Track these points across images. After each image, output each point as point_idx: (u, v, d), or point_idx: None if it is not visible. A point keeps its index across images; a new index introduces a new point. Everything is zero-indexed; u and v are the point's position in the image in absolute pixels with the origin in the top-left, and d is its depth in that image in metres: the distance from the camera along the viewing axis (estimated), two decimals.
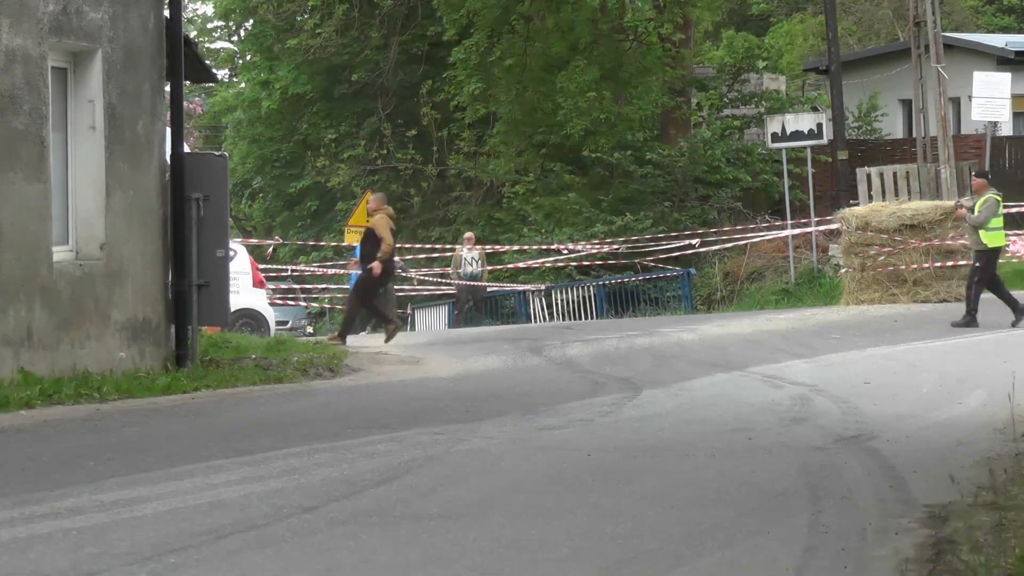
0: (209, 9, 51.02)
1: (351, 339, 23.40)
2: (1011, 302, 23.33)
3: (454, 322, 34.92)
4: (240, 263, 25.61)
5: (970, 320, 23.08)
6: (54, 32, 15.40)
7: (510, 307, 36.52)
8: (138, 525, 8.49)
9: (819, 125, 34.10)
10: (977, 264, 23.52)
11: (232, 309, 24.33)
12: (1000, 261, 30.79)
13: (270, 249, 40.20)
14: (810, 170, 34.05)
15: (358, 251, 29.99)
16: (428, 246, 37.34)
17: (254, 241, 39.33)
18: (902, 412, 13.42)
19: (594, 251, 35.49)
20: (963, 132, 38.76)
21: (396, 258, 25.15)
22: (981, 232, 23.36)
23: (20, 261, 14.91)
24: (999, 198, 23.66)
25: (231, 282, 24.36)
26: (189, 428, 13.13)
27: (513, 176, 39.11)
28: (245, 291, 25.44)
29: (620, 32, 39.59)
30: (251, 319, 25.37)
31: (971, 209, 23.65)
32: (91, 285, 15.84)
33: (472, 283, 33.94)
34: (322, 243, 40.15)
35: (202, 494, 9.46)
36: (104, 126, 16.08)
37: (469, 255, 34.14)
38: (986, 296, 23.26)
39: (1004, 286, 23.85)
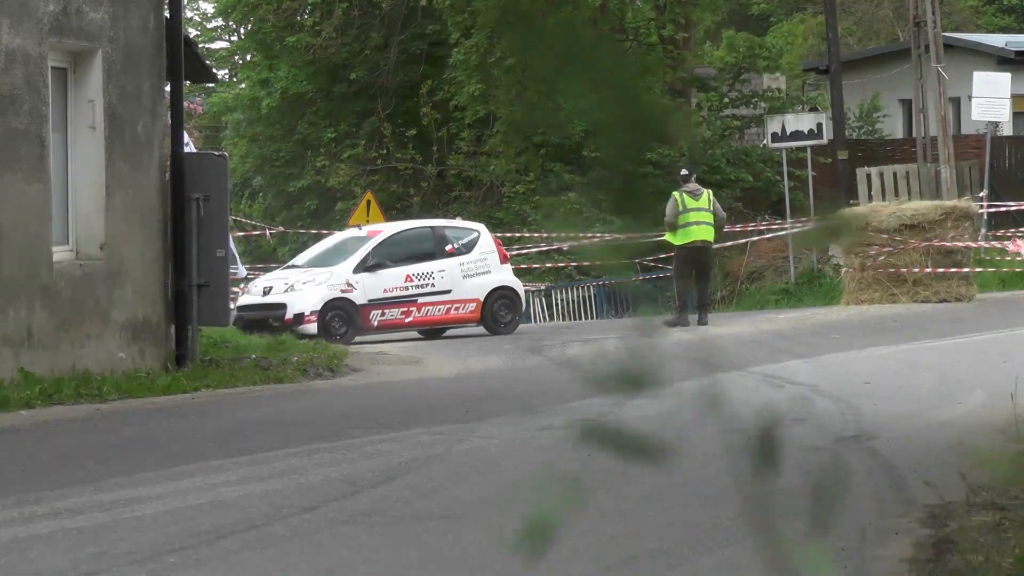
0: (209, 8, 50.97)
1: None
2: (683, 305, 24.84)
3: None
4: (484, 242, 26.26)
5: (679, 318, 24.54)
6: (54, 32, 15.40)
7: None
8: (138, 525, 8.49)
9: (819, 125, 34.09)
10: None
11: (490, 288, 25.48)
12: (1005, 268, 30.77)
13: (268, 234, 40.22)
14: (810, 172, 34.03)
15: None
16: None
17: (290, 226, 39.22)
18: (902, 412, 13.41)
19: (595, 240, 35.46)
20: (963, 132, 38.73)
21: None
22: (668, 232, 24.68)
23: (20, 261, 14.92)
24: (677, 195, 24.53)
25: (479, 263, 25.69)
26: (189, 428, 13.14)
27: (513, 176, 39.10)
28: (496, 269, 26.07)
29: (621, 32, 39.57)
30: (507, 292, 26.02)
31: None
32: (91, 285, 15.84)
33: None
34: (325, 232, 40.23)
35: (202, 494, 9.46)
36: (104, 126, 16.08)
37: None
38: (997, 296, 23.26)
39: (689, 286, 25.05)
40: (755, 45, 42.52)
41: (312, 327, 24.43)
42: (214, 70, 29.30)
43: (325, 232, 40.38)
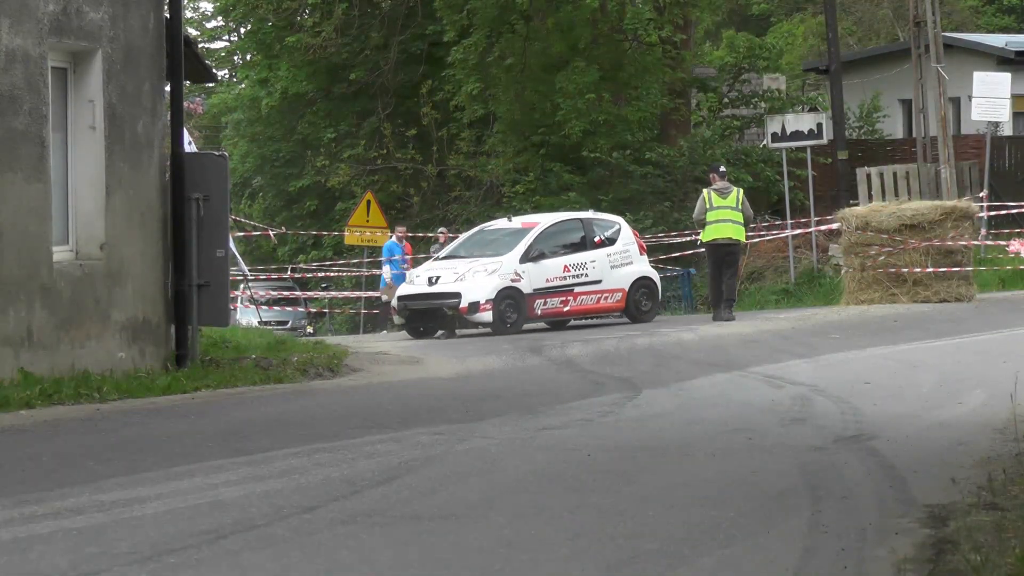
0: (209, 7, 50.92)
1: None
2: (716, 300, 25.58)
3: None
4: (625, 234, 27.56)
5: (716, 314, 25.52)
6: (54, 32, 15.40)
7: None
8: (138, 525, 8.49)
9: (819, 125, 34.09)
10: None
11: (634, 278, 26.92)
12: (1008, 265, 30.76)
13: (270, 233, 40.18)
14: (810, 173, 34.02)
15: None
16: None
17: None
18: (902, 412, 13.41)
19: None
20: (963, 132, 38.72)
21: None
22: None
23: (20, 261, 14.92)
24: (706, 194, 25.50)
25: (623, 254, 27.08)
26: (189, 428, 13.14)
27: (513, 176, 39.07)
28: (637, 260, 27.41)
29: (620, 32, 39.55)
30: (647, 282, 27.39)
31: None
32: (91, 285, 15.84)
33: None
34: (324, 233, 40.20)
35: (202, 494, 9.46)
36: (104, 126, 16.09)
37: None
38: (997, 296, 23.24)
39: (720, 282, 25.74)
40: (755, 45, 42.49)
41: (487, 315, 25.38)
42: (214, 70, 29.29)
43: (325, 232, 40.46)
